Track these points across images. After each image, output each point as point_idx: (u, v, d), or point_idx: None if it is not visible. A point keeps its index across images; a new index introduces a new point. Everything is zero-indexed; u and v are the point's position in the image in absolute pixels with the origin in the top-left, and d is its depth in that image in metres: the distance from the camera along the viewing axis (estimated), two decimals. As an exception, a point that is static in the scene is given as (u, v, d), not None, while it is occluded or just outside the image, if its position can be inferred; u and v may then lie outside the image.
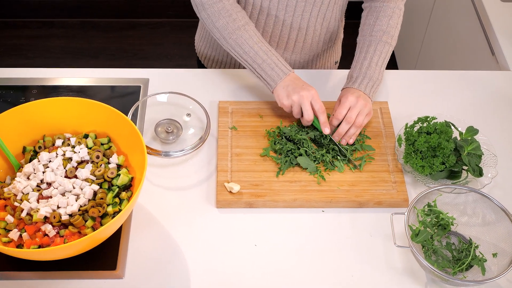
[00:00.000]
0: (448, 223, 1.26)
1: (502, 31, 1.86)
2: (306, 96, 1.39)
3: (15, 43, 3.36)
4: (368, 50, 1.49)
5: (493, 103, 1.60)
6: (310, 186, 1.35)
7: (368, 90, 1.45)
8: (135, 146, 1.25)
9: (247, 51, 1.43)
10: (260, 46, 1.43)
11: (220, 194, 1.33)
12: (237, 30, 1.44)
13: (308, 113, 1.40)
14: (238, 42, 1.44)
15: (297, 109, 1.41)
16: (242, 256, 1.26)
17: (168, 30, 3.48)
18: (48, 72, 1.62)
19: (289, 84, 1.41)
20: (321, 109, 1.40)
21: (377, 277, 1.24)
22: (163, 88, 1.57)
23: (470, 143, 1.38)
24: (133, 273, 1.22)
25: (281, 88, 1.42)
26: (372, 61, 1.48)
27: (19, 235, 1.16)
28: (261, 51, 1.43)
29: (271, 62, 1.42)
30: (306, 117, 1.40)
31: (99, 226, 1.19)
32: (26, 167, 1.25)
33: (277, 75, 1.42)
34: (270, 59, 1.43)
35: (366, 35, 1.52)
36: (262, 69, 1.43)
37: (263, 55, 1.43)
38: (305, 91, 1.39)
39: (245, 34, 1.43)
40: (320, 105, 1.40)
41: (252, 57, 1.43)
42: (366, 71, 1.46)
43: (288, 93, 1.41)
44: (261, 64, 1.43)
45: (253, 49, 1.43)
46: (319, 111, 1.40)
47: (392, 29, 1.51)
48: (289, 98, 1.41)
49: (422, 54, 2.76)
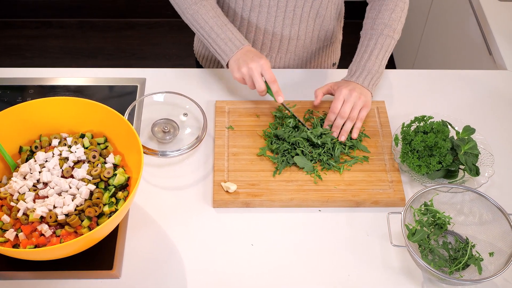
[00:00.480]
0: (445, 223, 1.26)
1: (499, 30, 1.86)
2: (255, 68, 1.39)
3: (13, 43, 3.36)
4: (368, 43, 1.49)
5: (490, 103, 1.60)
6: (306, 186, 1.35)
7: (366, 83, 1.45)
8: (131, 145, 1.25)
9: (202, 25, 1.44)
10: (216, 20, 1.44)
11: (216, 194, 1.33)
12: (193, 5, 1.45)
13: (259, 84, 1.39)
14: (194, 17, 1.45)
15: (250, 81, 1.41)
16: (239, 256, 1.26)
17: (166, 30, 3.48)
18: (45, 72, 1.62)
19: (240, 57, 1.41)
20: (271, 78, 1.40)
21: (373, 277, 1.24)
22: (160, 88, 1.57)
23: (467, 142, 1.38)
24: (130, 273, 1.22)
25: (233, 62, 1.42)
26: (372, 54, 1.47)
27: (15, 235, 1.16)
28: (216, 25, 1.43)
29: (225, 37, 1.43)
30: (257, 87, 1.40)
31: (95, 226, 1.19)
32: (23, 167, 1.25)
33: (229, 49, 1.42)
34: (224, 33, 1.43)
35: (368, 29, 1.52)
36: (216, 43, 1.44)
37: (217, 29, 1.43)
38: (254, 63, 1.39)
39: (201, 9, 1.45)
40: (270, 75, 1.39)
41: (207, 32, 1.44)
42: (365, 64, 1.46)
43: (238, 66, 1.41)
44: (215, 39, 1.43)
45: (208, 23, 1.44)
46: (269, 81, 1.40)
47: (394, 22, 1.50)
48: (239, 71, 1.41)
49: (420, 53, 2.76)
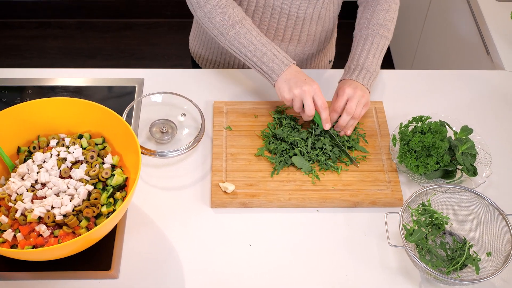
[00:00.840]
0: (442, 223, 1.26)
1: (497, 30, 1.86)
2: (308, 91, 1.37)
3: (12, 44, 3.36)
4: (365, 42, 1.49)
5: (488, 103, 1.60)
6: (304, 186, 1.35)
7: (366, 81, 1.45)
8: (129, 146, 1.26)
9: (246, 45, 1.42)
10: (259, 39, 1.41)
11: (215, 194, 1.33)
12: (234, 25, 1.42)
13: (309, 108, 1.38)
14: (236, 37, 1.42)
15: (298, 103, 1.39)
16: (237, 256, 1.26)
17: (165, 30, 3.48)
18: (43, 72, 1.62)
19: (291, 78, 1.39)
20: (324, 105, 1.38)
21: (371, 277, 1.24)
22: (158, 88, 1.57)
23: (465, 142, 1.38)
24: (128, 273, 1.23)
25: (283, 82, 1.39)
26: (370, 53, 1.48)
27: (13, 236, 1.16)
28: (260, 44, 1.41)
29: (271, 55, 1.40)
30: (307, 112, 1.38)
31: (93, 226, 1.19)
32: (21, 168, 1.25)
33: (278, 67, 1.40)
34: (270, 51, 1.41)
35: (363, 29, 1.52)
36: (263, 62, 1.41)
37: (262, 48, 1.41)
38: (308, 86, 1.37)
39: (243, 29, 1.42)
40: (323, 100, 1.38)
41: (252, 51, 1.41)
42: (363, 63, 1.47)
43: (290, 87, 1.38)
44: (261, 57, 1.41)
45: (252, 42, 1.41)
46: (321, 107, 1.38)
47: (388, 22, 1.51)
48: (290, 92, 1.38)
49: (418, 54, 2.76)
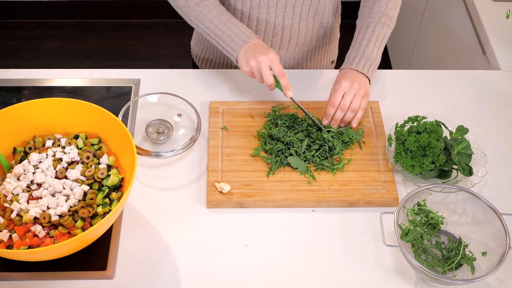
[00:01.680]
0: (438, 222, 1.27)
1: (493, 30, 1.87)
2: (263, 61, 1.37)
3: (10, 44, 3.36)
4: (366, 31, 1.49)
5: (484, 102, 1.61)
6: (300, 186, 1.36)
7: (366, 69, 1.45)
8: (125, 146, 1.26)
9: (207, 25, 1.44)
10: (220, 18, 1.43)
11: (210, 194, 1.33)
12: (196, 6, 1.45)
13: (267, 78, 1.38)
14: (198, 18, 1.45)
15: (258, 75, 1.40)
16: (232, 256, 1.26)
17: (163, 31, 3.48)
18: (40, 73, 1.62)
19: (248, 51, 1.40)
20: (280, 72, 1.38)
21: (367, 276, 1.24)
22: (154, 88, 1.57)
23: (460, 142, 1.38)
24: (124, 274, 1.23)
25: (241, 56, 1.40)
26: (370, 41, 1.48)
27: (9, 236, 1.16)
28: (221, 23, 1.43)
29: (231, 33, 1.42)
30: (266, 81, 1.39)
31: (89, 227, 1.19)
32: (16, 168, 1.25)
33: (237, 44, 1.41)
34: (230, 29, 1.42)
35: (364, 17, 1.53)
36: (223, 40, 1.43)
37: (222, 27, 1.43)
38: (263, 56, 1.37)
39: (204, 9, 1.44)
40: (279, 68, 1.38)
41: (213, 31, 1.43)
42: (364, 51, 1.47)
43: (247, 60, 1.39)
44: (221, 36, 1.43)
45: (212, 22, 1.43)
46: (278, 75, 1.38)
47: (390, 11, 1.51)
48: (247, 65, 1.39)
49: (415, 54, 2.77)
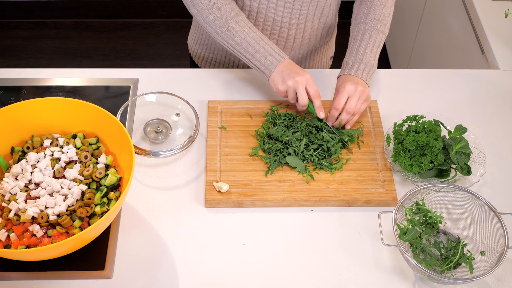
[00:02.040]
0: (436, 222, 1.27)
1: (492, 30, 1.87)
2: (301, 81, 1.40)
3: (8, 44, 3.36)
4: (362, 37, 1.51)
5: (482, 102, 1.61)
6: (298, 185, 1.36)
7: (364, 76, 1.47)
8: (123, 146, 1.25)
9: (239, 42, 1.45)
10: (252, 36, 1.44)
11: (209, 194, 1.33)
12: (227, 23, 1.45)
13: (302, 98, 1.41)
14: (230, 35, 1.45)
15: (292, 94, 1.43)
16: (230, 256, 1.26)
17: (161, 30, 3.48)
18: (38, 72, 1.62)
19: (284, 70, 1.43)
20: (316, 93, 1.42)
21: (365, 276, 1.24)
22: (153, 88, 1.57)
23: (459, 141, 1.38)
24: (122, 273, 1.22)
25: (276, 74, 1.43)
26: (367, 48, 1.49)
27: (7, 236, 1.16)
28: (253, 41, 1.44)
29: (264, 51, 1.44)
30: (301, 101, 1.42)
31: (87, 226, 1.19)
32: (14, 168, 1.25)
33: (271, 63, 1.43)
34: (263, 48, 1.44)
35: (360, 23, 1.54)
36: (256, 59, 1.44)
37: (255, 45, 1.44)
38: (300, 76, 1.41)
39: (236, 26, 1.45)
40: (315, 89, 1.42)
41: (245, 48, 1.44)
42: (362, 58, 1.48)
43: (283, 79, 1.42)
44: (254, 54, 1.44)
45: (245, 40, 1.44)
46: (314, 96, 1.42)
47: (385, 17, 1.53)
48: (284, 84, 1.42)
49: (414, 53, 2.76)
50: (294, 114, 1.48)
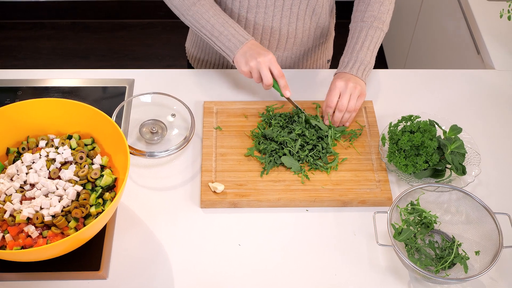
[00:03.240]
0: (431, 222, 1.27)
1: (487, 30, 1.87)
2: (264, 61, 1.41)
3: (5, 45, 3.35)
4: (359, 35, 1.51)
5: (477, 102, 1.61)
6: (294, 186, 1.36)
7: (360, 73, 1.47)
8: (118, 147, 1.26)
9: (204, 25, 1.46)
10: (216, 18, 1.46)
11: (204, 194, 1.33)
12: (192, 6, 1.47)
13: (266, 78, 1.42)
14: (195, 17, 1.47)
15: (256, 75, 1.44)
16: (226, 256, 1.26)
17: (159, 31, 3.48)
18: (35, 73, 1.62)
19: (247, 51, 1.43)
20: (280, 73, 1.43)
21: (360, 276, 1.24)
22: (148, 88, 1.57)
23: (454, 141, 1.38)
24: (117, 274, 1.23)
25: (240, 56, 1.44)
26: (364, 45, 1.50)
27: (2, 237, 1.16)
28: (218, 23, 1.45)
29: (228, 33, 1.45)
30: (265, 81, 1.43)
31: (82, 227, 1.19)
32: (10, 168, 1.25)
33: (234, 45, 1.44)
34: (227, 30, 1.45)
35: (357, 21, 1.54)
36: (220, 41, 1.46)
37: (219, 27, 1.45)
38: (262, 57, 1.42)
39: (201, 9, 1.46)
40: (278, 69, 1.43)
41: (210, 31, 1.46)
42: (357, 55, 1.49)
43: (246, 60, 1.43)
44: (218, 37, 1.46)
45: (209, 22, 1.46)
46: (278, 76, 1.43)
47: (383, 14, 1.53)
48: (247, 65, 1.43)
49: (411, 53, 2.77)
50: (289, 115, 1.48)
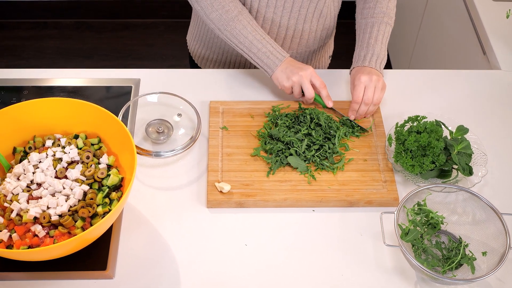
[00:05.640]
0: (438, 222, 1.27)
1: (493, 30, 1.87)
2: (305, 75, 1.46)
3: (8, 44, 3.36)
4: (372, 30, 1.54)
5: (484, 102, 1.61)
6: (300, 186, 1.36)
7: (378, 66, 1.50)
8: (125, 146, 1.25)
9: (242, 41, 1.48)
10: (254, 35, 1.48)
11: (210, 194, 1.33)
12: (230, 22, 1.47)
13: (309, 91, 1.47)
14: (233, 33, 1.48)
15: (298, 89, 1.48)
16: (232, 256, 1.26)
17: (161, 31, 3.48)
18: (40, 72, 1.62)
19: (287, 67, 1.47)
20: (322, 84, 1.48)
21: (367, 276, 1.24)
22: (154, 88, 1.57)
23: (460, 142, 1.38)
24: (124, 273, 1.23)
25: (280, 72, 1.48)
26: (378, 39, 1.53)
27: (9, 236, 1.16)
28: (256, 40, 1.47)
29: (266, 51, 1.47)
30: (307, 95, 1.48)
31: (89, 227, 1.19)
32: (16, 168, 1.25)
33: (273, 62, 1.47)
34: (265, 47, 1.48)
35: (367, 17, 1.57)
36: (259, 57, 1.48)
37: (257, 44, 1.47)
38: (303, 71, 1.46)
39: (238, 25, 1.48)
40: (320, 81, 1.48)
41: (248, 47, 1.48)
42: (373, 49, 1.52)
43: (287, 75, 1.47)
44: (256, 53, 1.48)
45: (247, 38, 1.47)
46: (320, 87, 1.48)
47: (391, 11, 1.58)
48: (289, 80, 1.47)
49: (415, 54, 2.77)
50: (295, 115, 1.48)
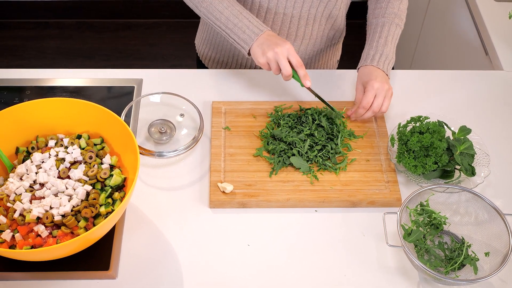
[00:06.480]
0: (441, 223, 1.27)
1: (495, 31, 1.87)
2: (281, 52, 1.37)
3: (10, 44, 3.36)
4: (382, 30, 1.53)
5: (486, 103, 1.61)
6: (303, 186, 1.36)
7: (385, 67, 1.48)
8: (127, 146, 1.26)
9: (218, 17, 1.43)
10: (231, 10, 1.42)
11: (213, 194, 1.33)
12: None
13: (286, 69, 1.37)
14: (208, 10, 1.44)
15: (275, 66, 1.39)
16: (234, 256, 1.26)
17: (163, 31, 3.48)
18: (42, 72, 1.62)
19: (263, 42, 1.39)
20: (298, 63, 1.38)
21: (369, 277, 1.24)
22: (156, 88, 1.57)
23: (463, 142, 1.38)
24: (126, 273, 1.23)
25: (256, 47, 1.40)
26: (387, 40, 1.52)
27: (12, 236, 1.16)
28: (232, 15, 1.42)
29: (242, 25, 1.41)
30: (284, 72, 1.38)
31: (91, 227, 1.19)
32: (19, 168, 1.25)
33: (248, 37, 1.41)
34: (242, 22, 1.41)
35: (378, 17, 1.56)
36: (235, 33, 1.42)
37: (234, 19, 1.41)
38: (280, 47, 1.37)
39: (214, 1, 1.43)
40: (297, 59, 1.38)
41: (224, 23, 1.42)
42: (383, 49, 1.50)
43: (263, 51, 1.39)
44: (233, 29, 1.42)
45: (223, 14, 1.42)
46: (296, 66, 1.38)
47: (402, 13, 1.57)
48: (264, 56, 1.38)
49: (417, 54, 2.76)
50: (298, 115, 1.48)
